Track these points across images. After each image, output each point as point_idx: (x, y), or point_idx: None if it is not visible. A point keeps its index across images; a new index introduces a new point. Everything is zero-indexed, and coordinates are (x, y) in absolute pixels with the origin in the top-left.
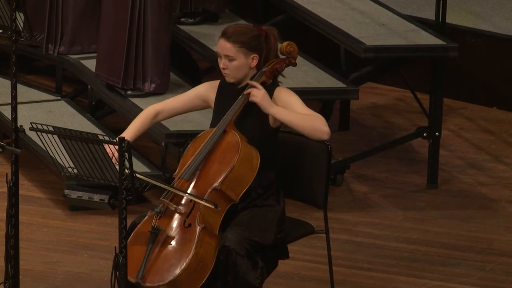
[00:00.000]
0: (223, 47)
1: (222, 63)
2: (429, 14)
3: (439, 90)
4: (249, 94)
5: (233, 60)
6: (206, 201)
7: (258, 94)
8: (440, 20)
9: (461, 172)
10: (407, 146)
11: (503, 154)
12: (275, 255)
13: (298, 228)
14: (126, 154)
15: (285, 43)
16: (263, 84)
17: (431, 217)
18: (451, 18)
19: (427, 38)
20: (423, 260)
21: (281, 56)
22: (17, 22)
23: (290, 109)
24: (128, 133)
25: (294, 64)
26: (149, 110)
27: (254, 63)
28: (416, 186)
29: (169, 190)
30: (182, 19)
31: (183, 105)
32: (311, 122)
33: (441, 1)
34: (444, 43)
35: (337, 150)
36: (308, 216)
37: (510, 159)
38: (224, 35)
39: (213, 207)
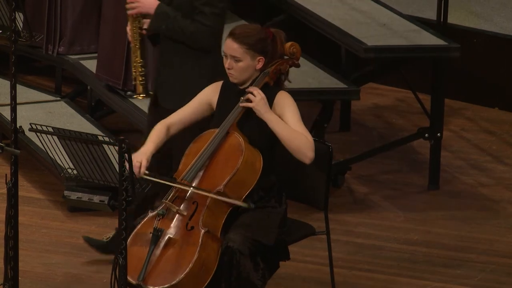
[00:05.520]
0: (230, 47)
1: (227, 63)
2: (430, 14)
3: (440, 90)
4: (248, 99)
5: (239, 61)
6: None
7: (254, 99)
8: (441, 20)
9: (463, 173)
10: (408, 147)
11: (505, 154)
12: (276, 257)
13: (299, 230)
14: (126, 155)
15: (288, 44)
16: (266, 85)
17: (432, 218)
18: (452, 18)
19: (428, 38)
20: (424, 261)
21: (285, 57)
22: (17, 22)
23: (282, 116)
24: (147, 147)
25: (298, 65)
26: (160, 125)
27: (260, 65)
28: (417, 187)
29: (171, 192)
30: None
31: (191, 114)
32: (298, 142)
33: (442, 1)
34: (445, 43)
35: (338, 151)
36: (309, 217)
37: (511, 160)
38: (232, 35)
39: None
